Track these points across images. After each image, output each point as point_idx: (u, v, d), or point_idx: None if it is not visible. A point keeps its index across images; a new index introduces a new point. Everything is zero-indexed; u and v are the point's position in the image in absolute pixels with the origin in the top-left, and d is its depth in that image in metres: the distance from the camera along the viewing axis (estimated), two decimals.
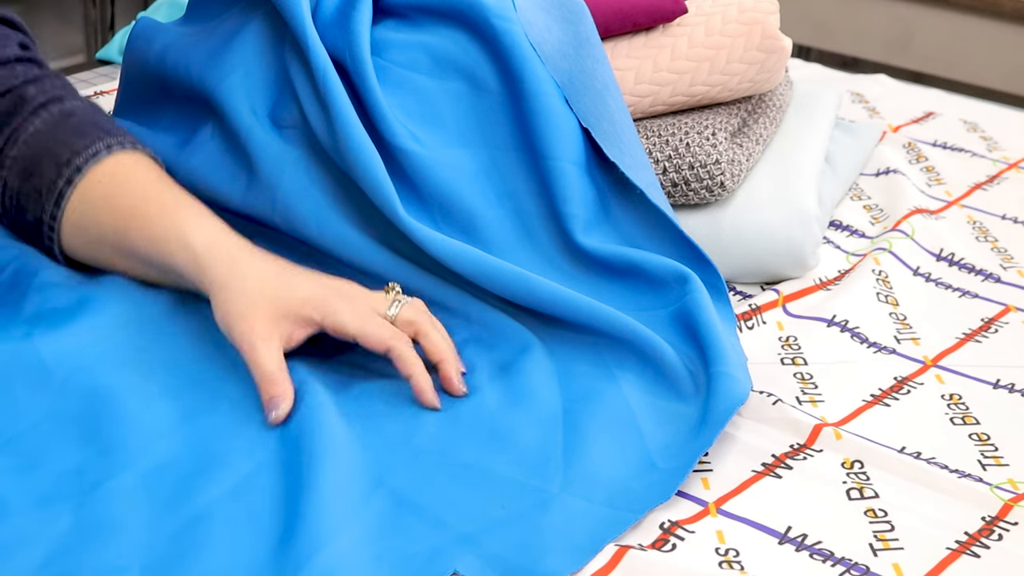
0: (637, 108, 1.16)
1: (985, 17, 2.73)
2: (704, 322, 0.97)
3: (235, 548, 0.79)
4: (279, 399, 0.88)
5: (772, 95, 1.24)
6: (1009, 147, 1.50)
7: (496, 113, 1.05)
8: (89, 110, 1.02)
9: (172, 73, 1.12)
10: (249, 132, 1.04)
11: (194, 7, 1.17)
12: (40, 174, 0.98)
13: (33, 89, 1.01)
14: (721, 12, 1.15)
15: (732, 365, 0.94)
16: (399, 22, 1.10)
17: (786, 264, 1.14)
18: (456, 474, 0.86)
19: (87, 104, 1.03)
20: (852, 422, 0.97)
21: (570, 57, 1.07)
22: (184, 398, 0.90)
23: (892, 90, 1.66)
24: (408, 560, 0.79)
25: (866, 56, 2.87)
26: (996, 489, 0.90)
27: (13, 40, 1.02)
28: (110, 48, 1.64)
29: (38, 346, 0.91)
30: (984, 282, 1.19)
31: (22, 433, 0.86)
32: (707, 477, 0.90)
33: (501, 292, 0.99)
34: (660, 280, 1.02)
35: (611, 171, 1.06)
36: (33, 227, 1.00)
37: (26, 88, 1.01)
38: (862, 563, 0.82)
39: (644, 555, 0.80)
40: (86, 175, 0.98)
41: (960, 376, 1.04)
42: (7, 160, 0.99)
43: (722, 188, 1.12)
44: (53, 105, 1.01)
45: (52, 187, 0.98)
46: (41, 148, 0.98)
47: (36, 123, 0.99)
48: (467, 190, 1.03)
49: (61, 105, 1.01)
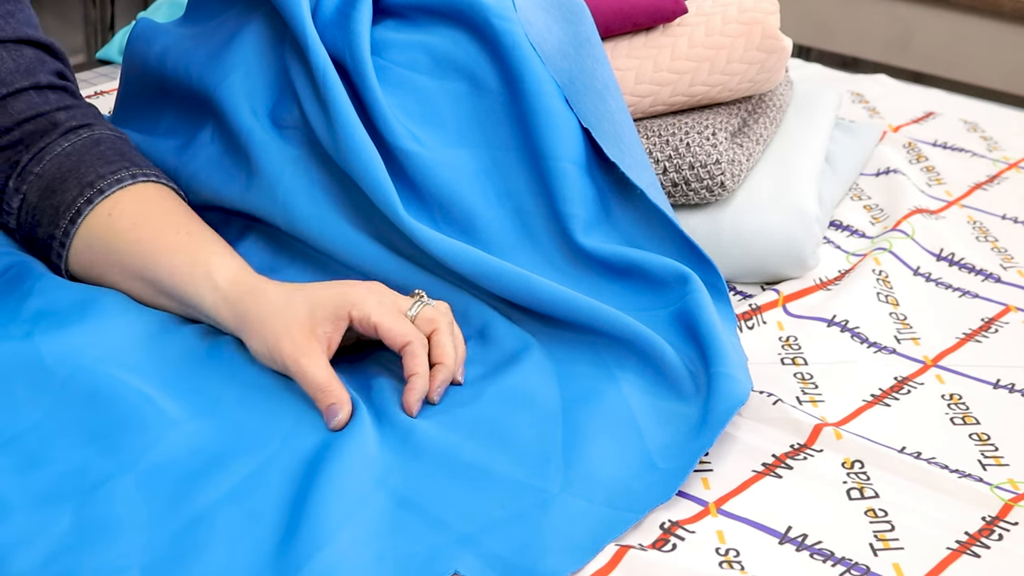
0: (637, 108, 1.16)
1: (985, 17, 2.73)
2: (704, 322, 0.97)
3: (236, 548, 0.79)
4: (337, 407, 0.89)
5: (772, 95, 1.24)
6: (1009, 147, 1.50)
7: (496, 113, 1.05)
8: (118, 141, 1.04)
9: (172, 74, 1.12)
10: (250, 133, 1.04)
11: (193, 7, 1.17)
12: (61, 192, 0.99)
13: (64, 115, 1.03)
14: (721, 12, 1.15)
15: (732, 366, 0.94)
16: (399, 22, 1.10)
17: (786, 264, 1.14)
18: (456, 474, 0.86)
19: (117, 135, 1.05)
20: (852, 422, 0.97)
21: (570, 57, 1.07)
22: (185, 399, 0.90)
23: (892, 90, 1.66)
24: (409, 560, 0.79)
25: (866, 56, 2.87)
26: (996, 489, 0.90)
27: (50, 67, 1.04)
28: (110, 48, 1.64)
29: (39, 346, 0.91)
30: (984, 282, 1.19)
31: (23, 433, 0.86)
32: (707, 477, 0.90)
33: (501, 292, 0.99)
34: (660, 280, 1.02)
35: (611, 171, 1.06)
36: (43, 243, 1.01)
37: (57, 114, 1.03)
38: (862, 563, 0.82)
39: (644, 555, 0.80)
40: (108, 197, 0.99)
41: (960, 376, 1.04)
42: (30, 176, 1.00)
43: (722, 188, 1.12)
44: (83, 131, 1.02)
45: (71, 205, 0.99)
46: (66, 169, 1.00)
47: (64, 145, 1.01)
48: (467, 190, 1.03)
49: (91, 132, 1.02)
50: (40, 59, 1.03)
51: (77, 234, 0.99)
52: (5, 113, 1.00)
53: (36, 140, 1.01)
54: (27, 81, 1.01)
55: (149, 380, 0.90)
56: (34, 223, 1.00)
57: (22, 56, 1.02)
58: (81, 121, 1.03)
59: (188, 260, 0.96)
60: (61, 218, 0.99)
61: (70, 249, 1.00)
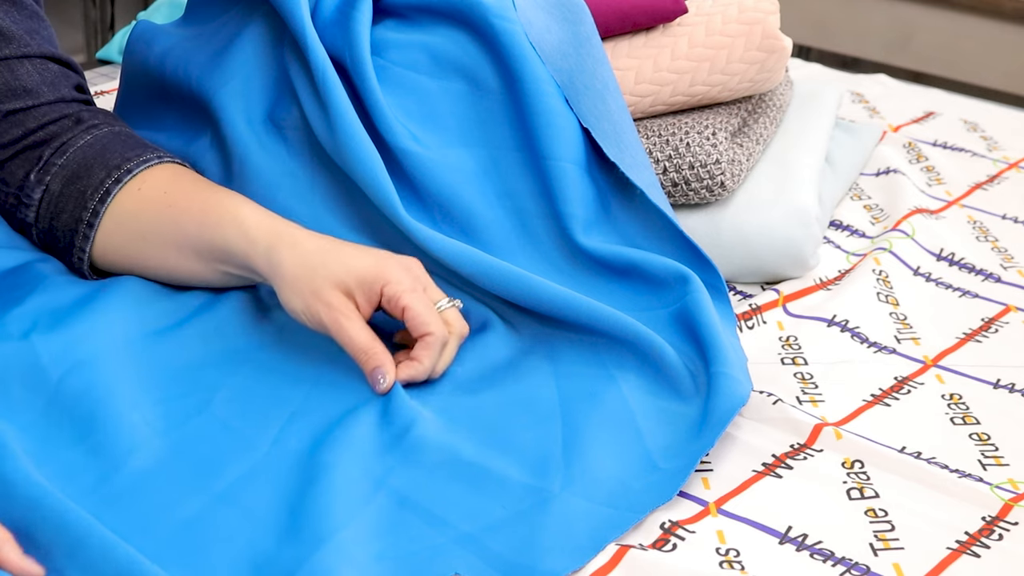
0: (637, 108, 1.16)
1: (985, 17, 2.73)
2: (704, 322, 0.97)
3: (232, 547, 0.79)
4: (381, 371, 0.90)
5: (772, 95, 1.24)
6: (1009, 147, 1.50)
7: (496, 113, 1.05)
8: (140, 136, 1.06)
9: (172, 79, 1.12)
10: (246, 146, 1.05)
11: (193, 8, 1.17)
12: (87, 177, 1.00)
13: (87, 114, 1.05)
14: (721, 12, 1.15)
15: (732, 366, 0.94)
16: (399, 22, 1.10)
17: (786, 264, 1.14)
18: (457, 473, 0.86)
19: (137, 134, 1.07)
20: (852, 422, 0.97)
21: (570, 57, 1.07)
22: (175, 402, 0.90)
23: (892, 90, 1.66)
24: (409, 559, 0.79)
25: (866, 56, 2.87)
26: (996, 489, 0.90)
27: (72, 81, 1.06)
28: (110, 48, 1.64)
29: (36, 345, 0.91)
30: (984, 282, 1.19)
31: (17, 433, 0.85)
32: (707, 477, 0.90)
33: (501, 292, 0.99)
34: (660, 280, 1.02)
35: (611, 171, 1.06)
36: (66, 231, 1.01)
37: (81, 113, 1.04)
38: (862, 563, 0.82)
39: (645, 555, 0.80)
40: (136, 176, 1.00)
41: (960, 376, 1.04)
42: (53, 167, 1.01)
43: (722, 188, 1.12)
44: (104, 126, 1.04)
45: (99, 187, 1.00)
46: (90, 157, 1.01)
47: (87, 138, 1.02)
48: (467, 190, 1.03)
49: (111, 127, 1.04)
50: (64, 74, 1.05)
51: (107, 213, 1.00)
52: (32, 117, 1.02)
53: (57, 136, 1.02)
54: (53, 94, 1.03)
55: (141, 383, 0.90)
56: (57, 212, 1.01)
57: (47, 70, 1.04)
58: (103, 119, 1.05)
59: (218, 212, 0.97)
60: (89, 200, 1.00)
61: (98, 230, 1.00)
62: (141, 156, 1.01)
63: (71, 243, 1.01)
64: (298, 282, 0.92)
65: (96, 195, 1.00)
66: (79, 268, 1.02)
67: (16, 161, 1.02)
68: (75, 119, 1.03)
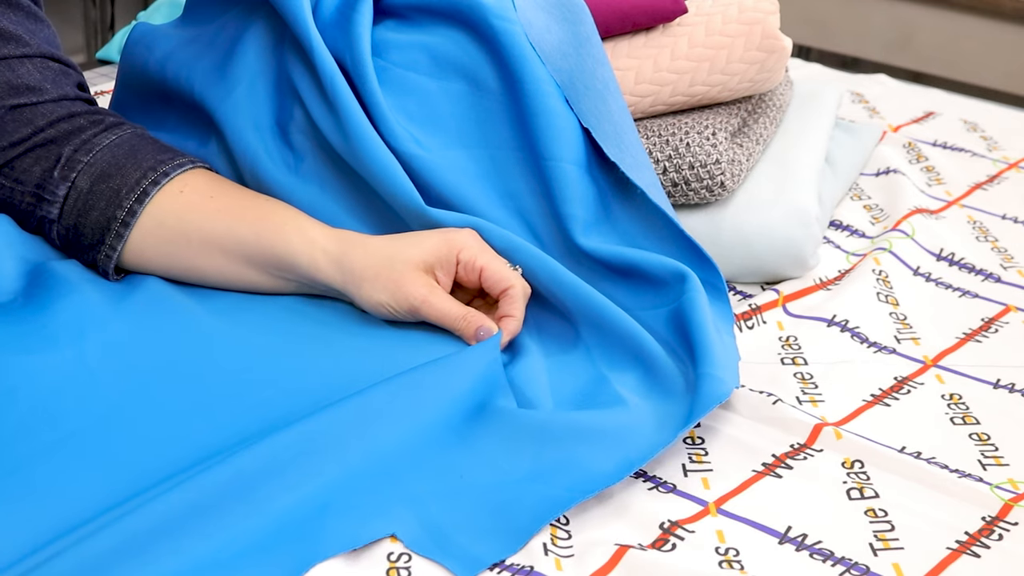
0: (637, 108, 1.16)
1: (985, 17, 2.73)
2: (696, 323, 0.96)
3: None
4: (484, 328, 0.94)
5: (772, 95, 1.24)
6: (1009, 147, 1.50)
7: (496, 113, 1.05)
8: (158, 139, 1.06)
9: (174, 84, 1.11)
10: (255, 153, 1.04)
11: (191, 8, 1.16)
12: (120, 176, 1.00)
13: (110, 117, 1.05)
14: (721, 12, 1.15)
15: (719, 366, 0.93)
16: (399, 22, 1.10)
17: (786, 264, 1.14)
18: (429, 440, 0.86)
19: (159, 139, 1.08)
20: (852, 422, 0.97)
21: (570, 57, 1.07)
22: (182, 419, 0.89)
23: (892, 90, 1.66)
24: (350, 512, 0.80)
25: (866, 56, 2.87)
26: (996, 489, 0.90)
27: (73, 79, 1.06)
28: (110, 48, 1.64)
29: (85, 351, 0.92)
30: (984, 282, 1.19)
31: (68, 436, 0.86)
32: (707, 477, 0.90)
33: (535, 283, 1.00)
34: (659, 279, 1.02)
35: (612, 171, 1.06)
36: (95, 229, 1.01)
37: (96, 114, 1.04)
38: (862, 563, 0.82)
39: (644, 555, 0.80)
40: (175, 179, 1.01)
41: (960, 376, 1.04)
42: (79, 164, 1.01)
43: (722, 188, 1.12)
44: (126, 127, 1.04)
45: (135, 187, 1.00)
46: (120, 156, 1.01)
47: (113, 137, 1.03)
48: (468, 191, 1.03)
49: (133, 130, 1.04)
50: (65, 72, 1.05)
51: (145, 212, 1.00)
52: (39, 114, 1.02)
53: (76, 134, 1.02)
54: (57, 92, 1.03)
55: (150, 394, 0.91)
56: (85, 209, 1.00)
57: (48, 69, 1.04)
58: (121, 120, 1.05)
59: (277, 221, 0.99)
60: (125, 199, 1.00)
61: (134, 229, 1.00)
62: (174, 160, 1.02)
63: (100, 241, 1.01)
64: (379, 277, 0.95)
65: (132, 194, 1.00)
66: (103, 266, 1.01)
67: (28, 158, 1.01)
68: (91, 119, 1.03)
